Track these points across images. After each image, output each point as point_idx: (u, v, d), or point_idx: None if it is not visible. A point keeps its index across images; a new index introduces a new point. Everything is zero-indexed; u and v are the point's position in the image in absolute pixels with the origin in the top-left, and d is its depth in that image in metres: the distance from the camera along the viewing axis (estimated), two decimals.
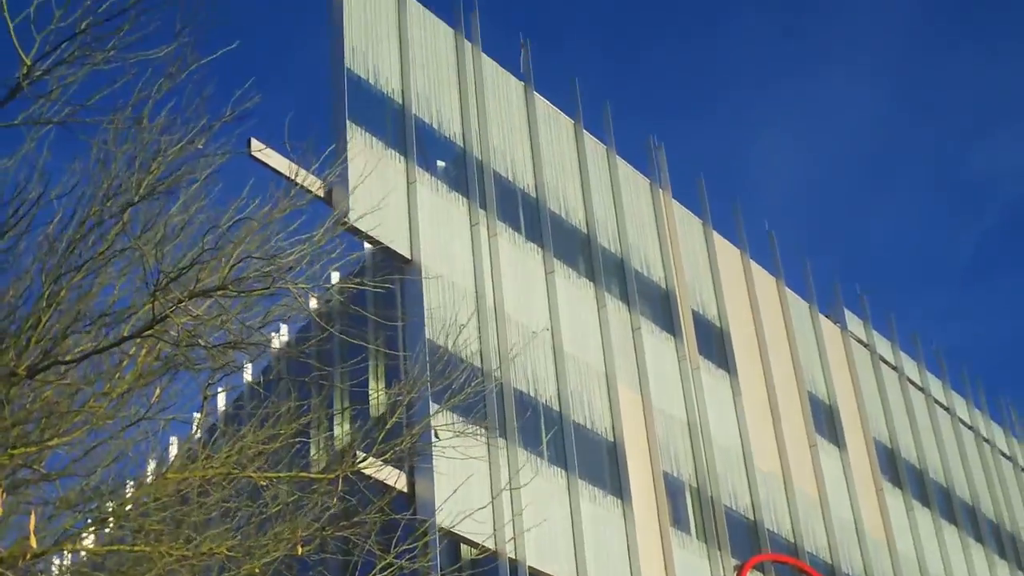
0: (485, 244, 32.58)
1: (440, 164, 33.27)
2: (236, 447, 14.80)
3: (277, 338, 29.26)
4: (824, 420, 43.08)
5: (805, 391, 42.54)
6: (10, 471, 13.74)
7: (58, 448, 14.08)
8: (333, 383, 26.51)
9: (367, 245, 30.03)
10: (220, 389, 18.86)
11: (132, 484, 15.86)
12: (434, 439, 17.67)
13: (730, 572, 34.59)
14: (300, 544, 15.09)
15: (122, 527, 14.83)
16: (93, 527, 14.83)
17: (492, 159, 34.42)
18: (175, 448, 21.19)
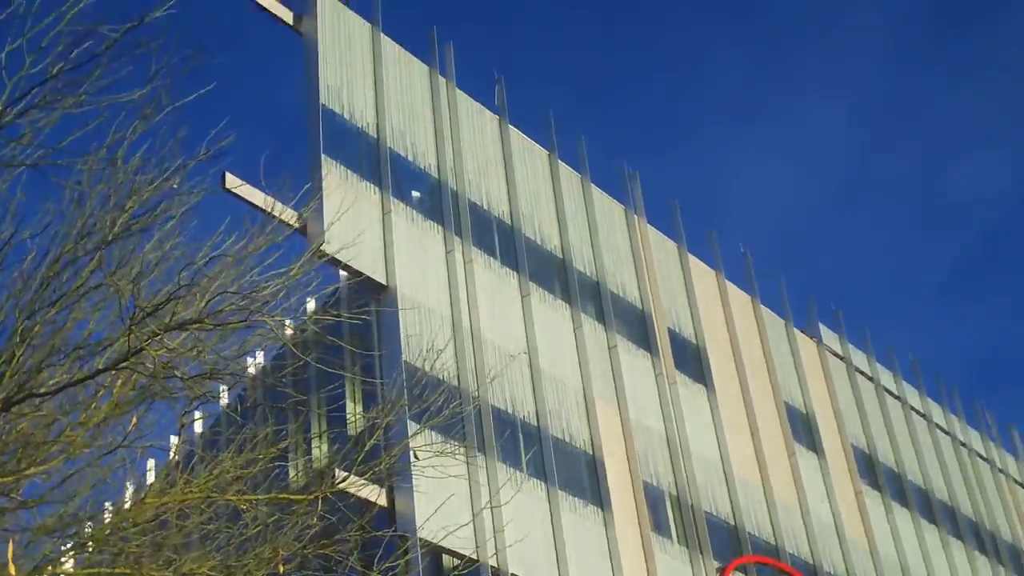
0: (461, 270, 33.06)
1: (415, 194, 33.76)
2: (215, 472, 14.84)
3: (253, 364, 29.51)
4: (802, 428, 43.70)
5: (782, 402, 43.24)
6: None
7: (35, 477, 14.10)
8: (310, 408, 26.82)
9: (343, 273, 30.49)
10: (197, 416, 19.05)
11: (111, 509, 16.10)
12: (413, 459, 18.04)
13: (712, 575, 35.16)
14: (281, 563, 15.22)
15: (102, 551, 14.86)
16: (73, 551, 14.92)
17: (467, 189, 34.94)
18: (153, 474, 21.30)
